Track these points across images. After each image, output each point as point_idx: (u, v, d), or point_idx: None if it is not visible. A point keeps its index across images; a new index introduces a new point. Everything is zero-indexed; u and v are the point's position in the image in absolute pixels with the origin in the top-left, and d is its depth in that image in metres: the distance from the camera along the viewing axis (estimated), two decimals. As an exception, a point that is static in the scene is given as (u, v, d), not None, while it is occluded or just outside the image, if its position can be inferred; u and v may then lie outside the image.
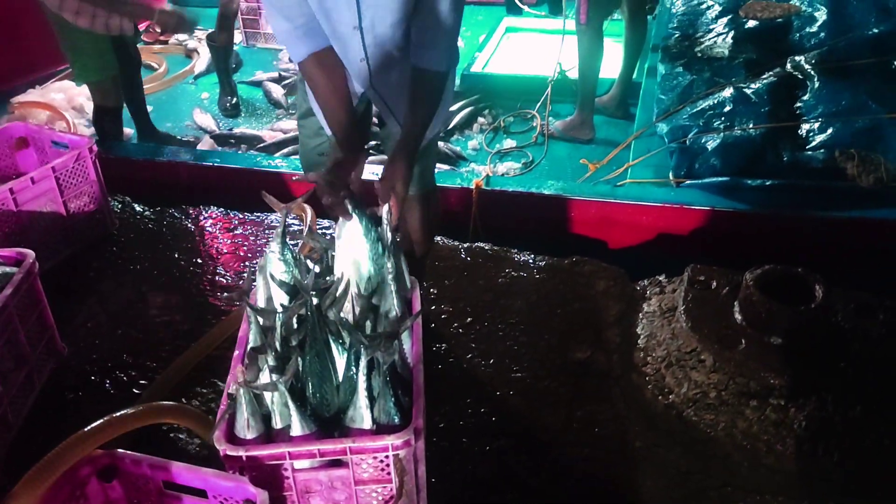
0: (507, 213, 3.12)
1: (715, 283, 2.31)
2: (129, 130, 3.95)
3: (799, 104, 3.43)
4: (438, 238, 2.78)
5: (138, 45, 3.80)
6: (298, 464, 1.62)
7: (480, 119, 4.31)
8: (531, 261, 2.68)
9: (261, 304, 1.87)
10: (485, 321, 2.40)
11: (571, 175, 3.60)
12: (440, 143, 4.02)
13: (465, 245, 2.77)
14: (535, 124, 4.22)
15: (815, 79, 3.48)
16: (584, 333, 2.33)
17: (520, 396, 2.12)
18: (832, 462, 1.86)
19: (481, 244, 2.80)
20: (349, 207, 1.73)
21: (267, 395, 1.63)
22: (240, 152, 3.95)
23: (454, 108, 4.28)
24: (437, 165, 3.75)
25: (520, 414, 2.07)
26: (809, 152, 3.11)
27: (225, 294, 2.55)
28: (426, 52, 1.86)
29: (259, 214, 2.99)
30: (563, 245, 2.92)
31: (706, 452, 1.94)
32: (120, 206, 3.07)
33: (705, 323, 2.17)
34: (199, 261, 2.75)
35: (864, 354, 2.06)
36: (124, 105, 3.66)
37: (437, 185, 2.93)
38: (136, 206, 3.08)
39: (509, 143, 4.11)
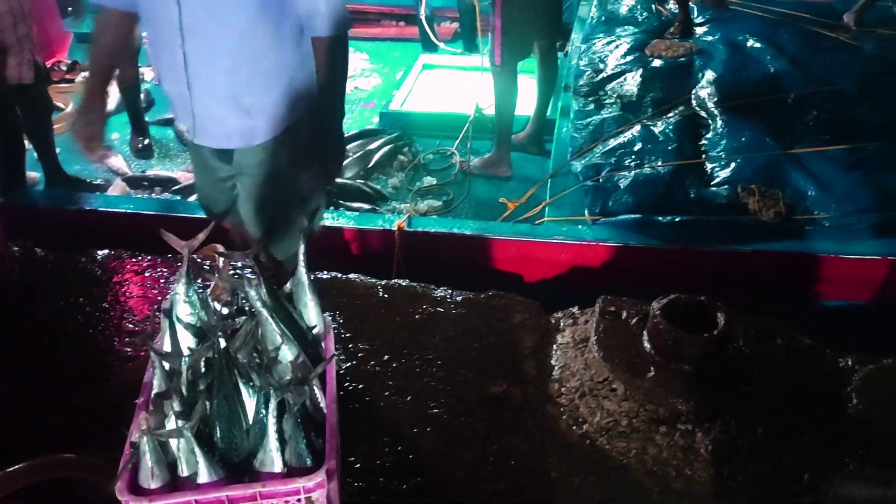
0: (429, 254, 3.14)
1: (625, 314, 2.37)
2: (34, 174, 3.80)
3: (703, 141, 3.60)
4: (355, 276, 2.78)
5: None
6: (206, 512, 1.57)
7: (400, 157, 4.34)
8: (448, 296, 2.69)
9: (167, 347, 1.82)
10: (402, 358, 2.39)
11: (491, 212, 3.66)
12: (360, 182, 4.03)
13: (383, 282, 2.76)
14: (454, 161, 4.28)
15: (717, 117, 3.67)
16: (500, 367, 2.35)
17: (436, 433, 2.12)
18: (736, 484, 1.92)
19: (399, 281, 2.80)
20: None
21: (172, 442, 1.58)
22: (153, 196, 3.86)
23: (373, 146, 4.30)
24: (358, 205, 3.76)
25: (436, 451, 2.06)
26: (714, 188, 3.25)
27: (130, 339, 2.47)
28: (310, 21, 1.93)
29: (171, 255, 2.91)
30: (485, 282, 2.94)
31: (619, 480, 1.98)
32: (21, 251, 2.94)
33: (616, 352, 2.22)
34: (106, 306, 2.66)
35: (765, 378, 2.15)
36: (31, 149, 3.54)
37: (359, 227, 3.13)
38: (38, 251, 2.95)
39: (429, 180, 4.14)
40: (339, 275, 2.77)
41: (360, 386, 2.28)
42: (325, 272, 2.77)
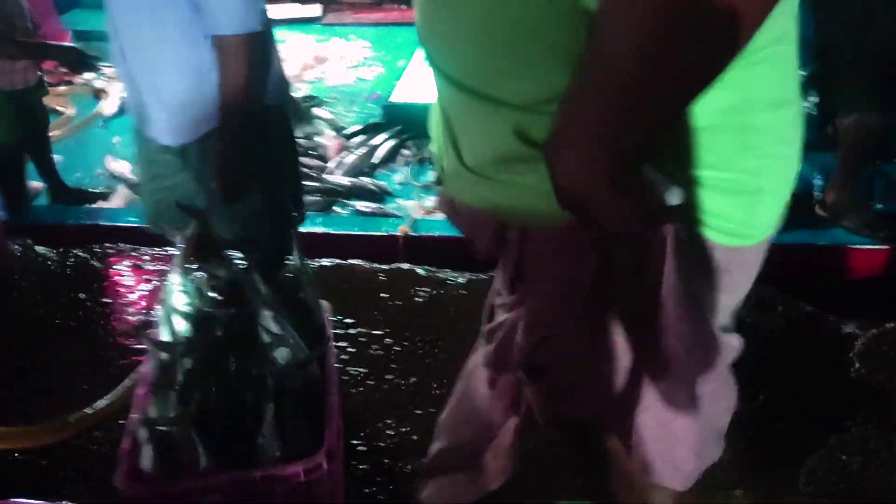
0: (436, 258, 2.94)
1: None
2: (37, 184, 3.68)
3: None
4: (357, 261, 2.78)
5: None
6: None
7: (405, 151, 4.25)
8: (450, 278, 2.69)
9: (164, 337, 1.82)
10: (404, 341, 2.40)
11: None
12: (365, 179, 3.95)
13: (384, 267, 2.76)
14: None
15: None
16: (502, 346, 2.34)
17: (440, 413, 2.11)
18: (737, 449, 1.90)
19: (401, 265, 2.79)
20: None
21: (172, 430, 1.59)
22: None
23: (377, 141, 4.24)
24: (364, 204, 3.68)
25: (440, 430, 2.06)
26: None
27: (128, 330, 2.47)
28: (211, 18, 1.78)
29: (170, 249, 2.91)
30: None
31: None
32: (21, 250, 2.95)
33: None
34: (107, 300, 2.67)
35: (765, 345, 2.13)
36: (31, 166, 3.45)
37: (360, 232, 3.03)
38: (38, 248, 2.95)
39: (435, 174, 4.06)
40: (341, 261, 2.77)
41: (363, 370, 2.28)
42: (327, 259, 2.77)
